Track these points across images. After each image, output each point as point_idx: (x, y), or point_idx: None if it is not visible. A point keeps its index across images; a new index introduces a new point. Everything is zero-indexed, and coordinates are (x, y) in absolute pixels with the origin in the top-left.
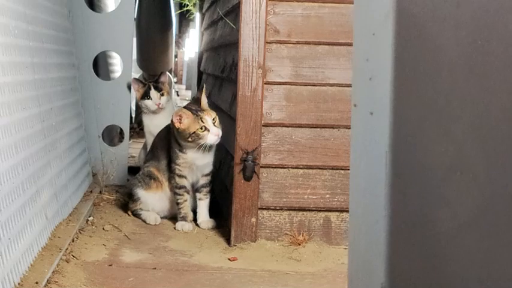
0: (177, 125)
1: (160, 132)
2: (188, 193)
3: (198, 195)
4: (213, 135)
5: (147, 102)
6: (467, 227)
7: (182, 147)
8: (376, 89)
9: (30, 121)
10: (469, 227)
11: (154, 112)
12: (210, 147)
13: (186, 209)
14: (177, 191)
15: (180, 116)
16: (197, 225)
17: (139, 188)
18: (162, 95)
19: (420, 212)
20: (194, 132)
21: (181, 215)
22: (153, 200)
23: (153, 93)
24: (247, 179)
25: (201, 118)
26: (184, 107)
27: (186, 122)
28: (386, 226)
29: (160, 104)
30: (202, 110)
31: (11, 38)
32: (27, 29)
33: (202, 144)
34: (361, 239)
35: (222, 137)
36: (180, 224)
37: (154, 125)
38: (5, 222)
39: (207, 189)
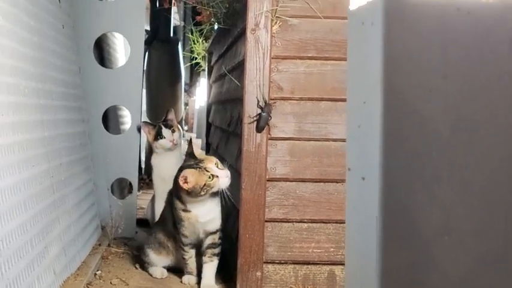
0: (185, 186)
1: (168, 195)
2: (193, 249)
3: (203, 258)
4: (223, 178)
5: (161, 142)
6: None
7: (187, 206)
8: (367, 155)
9: (39, 178)
10: None
11: (169, 149)
12: (214, 194)
13: (192, 264)
14: (184, 247)
15: (185, 177)
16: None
17: (150, 249)
18: (174, 131)
19: (410, 274)
20: (205, 185)
21: (187, 270)
22: (162, 262)
23: (165, 131)
24: (260, 129)
25: (205, 169)
26: (183, 167)
27: (193, 180)
28: (378, 286)
29: (174, 140)
30: (202, 161)
31: (21, 98)
32: (37, 87)
33: (217, 192)
34: None
35: (228, 190)
36: (186, 278)
37: (164, 166)
38: (13, 279)
39: (213, 251)
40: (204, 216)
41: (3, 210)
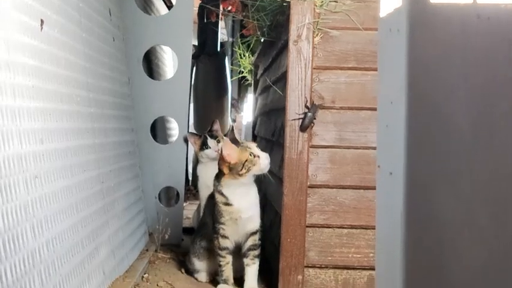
0: (228, 159)
1: (208, 200)
2: (231, 254)
3: (245, 260)
4: (264, 159)
5: (207, 151)
6: (477, 280)
7: (228, 199)
8: (394, 151)
9: (90, 182)
10: (479, 279)
11: (214, 159)
12: (251, 185)
13: (228, 271)
14: (220, 252)
15: (229, 152)
16: None
17: (195, 257)
18: (218, 141)
19: (434, 266)
20: (247, 160)
21: (222, 278)
22: (207, 268)
23: (211, 141)
24: (303, 129)
25: (246, 146)
26: None
27: (236, 156)
28: (403, 276)
29: (219, 149)
30: (243, 142)
31: (74, 106)
32: (89, 96)
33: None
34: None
35: (271, 197)
36: (221, 287)
37: (210, 175)
38: (66, 275)
39: (254, 252)
40: (246, 211)
41: (57, 211)
